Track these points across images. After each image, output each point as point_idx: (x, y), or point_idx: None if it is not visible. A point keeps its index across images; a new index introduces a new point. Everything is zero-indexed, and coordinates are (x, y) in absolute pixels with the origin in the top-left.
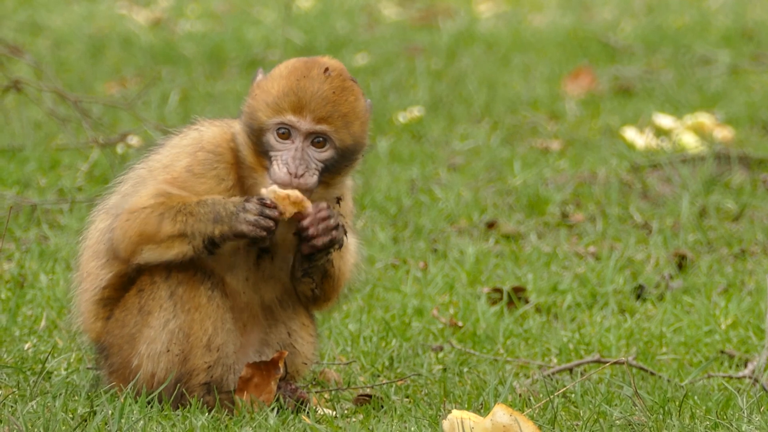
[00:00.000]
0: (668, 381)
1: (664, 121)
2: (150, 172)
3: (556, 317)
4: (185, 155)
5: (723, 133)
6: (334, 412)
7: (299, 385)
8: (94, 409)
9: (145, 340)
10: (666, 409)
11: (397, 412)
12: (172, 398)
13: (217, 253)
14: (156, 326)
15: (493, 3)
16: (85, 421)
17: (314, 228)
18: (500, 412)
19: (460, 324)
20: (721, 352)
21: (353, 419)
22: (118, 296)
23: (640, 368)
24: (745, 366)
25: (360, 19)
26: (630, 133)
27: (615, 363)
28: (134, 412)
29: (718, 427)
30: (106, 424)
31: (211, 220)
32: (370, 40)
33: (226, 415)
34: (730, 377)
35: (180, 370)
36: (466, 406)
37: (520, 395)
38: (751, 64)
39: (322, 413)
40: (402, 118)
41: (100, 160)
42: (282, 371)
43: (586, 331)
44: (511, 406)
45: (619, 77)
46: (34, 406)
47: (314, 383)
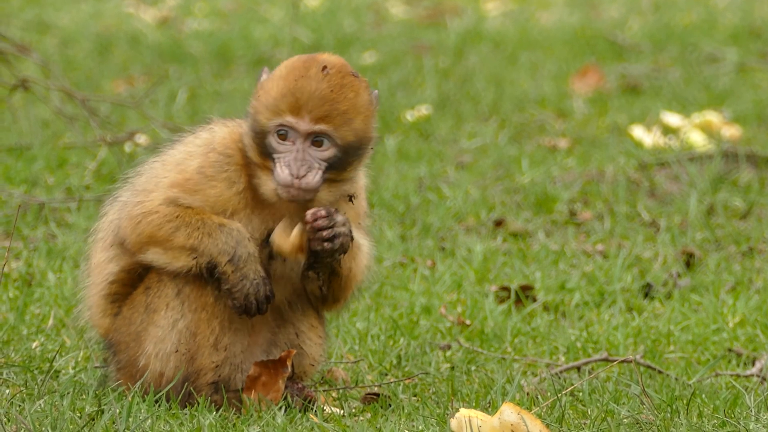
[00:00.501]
0: (676, 379)
1: (671, 119)
2: (163, 166)
3: (563, 315)
4: (198, 155)
5: (731, 131)
6: (342, 411)
7: (306, 384)
8: (102, 407)
9: (152, 339)
10: (674, 407)
11: (405, 411)
12: (180, 397)
13: (213, 277)
14: (164, 325)
15: (501, 1)
16: (93, 420)
17: (312, 234)
18: (508, 411)
19: (468, 322)
20: (729, 351)
21: (361, 418)
22: (126, 292)
23: (648, 366)
24: (753, 364)
25: (367, 18)
26: (638, 131)
27: (623, 361)
28: (142, 411)
29: (726, 425)
30: (113, 423)
31: (226, 252)
32: (377, 38)
33: (234, 414)
34: (738, 375)
35: (188, 370)
36: (474, 404)
37: (528, 394)
38: (759, 62)
39: (329, 412)
40: (409, 116)
41: (108, 159)
42: (289, 370)
43: (593, 330)
44: (518, 404)
45: (626, 75)
46: (42, 405)
47: (322, 382)
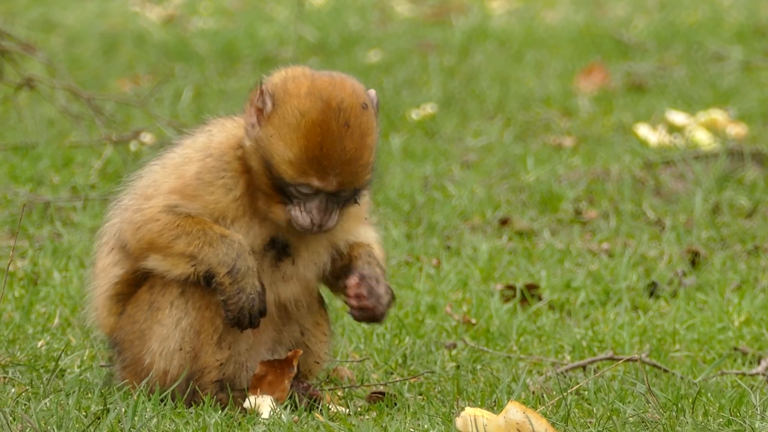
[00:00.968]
0: (681, 378)
1: (676, 117)
2: (163, 170)
3: (569, 314)
4: (196, 161)
5: (736, 130)
6: (348, 410)
7: (312, 383)
8: (108, 406)
9: (156, 338)
10: (679, 406)
11: (411, 410)
12: (185, 396)
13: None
14: (168, 324)
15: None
16: (99, 419)
17: (357, 311)
18: (513, 410)
19: (474, 321)
20: (735, 349)
21: (366, 417)
22: (131, 292)
23: (654, 365)
24: (759, 363)
25: (372, 16)
26: (643, 130)
27: (628, 360)
28: (147, 410)
29: (732, 424)
30: (119, 422)
31: (225, 263)
32: (382, 36)
33: (239, 413)
34: (744, 374)
35: (192, 368)
36: (480, 403)
37: (534, 392)
38: (764, 60)
39: (335, 411)
40: (415, 115)
41: (114, 158)
42: (295, 370)
43: (599, 329)
44: (524, 403)
45: (631, 74)
46: (48, 404)
47: (327, 381)
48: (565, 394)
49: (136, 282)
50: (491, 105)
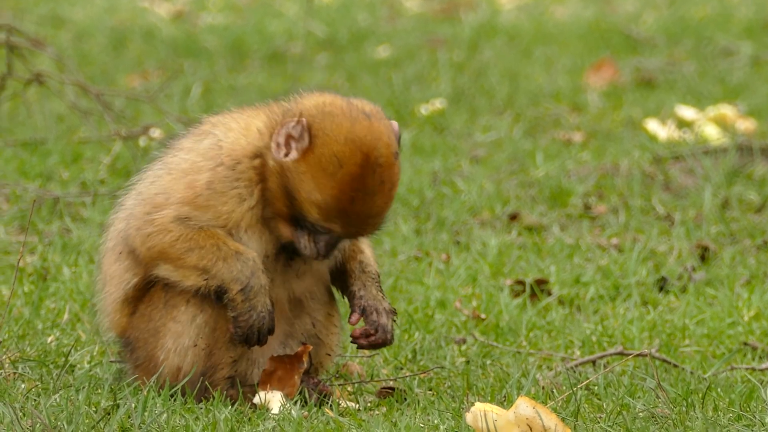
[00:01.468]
0: (691, 373)
1: (686, 112)
2: (171, 176)
3: (578, 309)
4: (206, 169)
5: (745, 125)
6: (357, 405)
7: (322, 379)
8: (117, 402)
9: (171, 335)
10: (689, 401)
11: (420, 405)
12: (195, 391)
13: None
14: (183, 320)
15: None
16: (108, 415)
17: (365, 342)
18: (523, 405)
19: (483, 316)
20: (744, 344)
21: (376, 412)
22: (143, 294)
23: (663, 360)
24: None
25: (381, 12)
26: (652, 125)
27: (638, 355)
28: (157, 406)
29: (741, 419)
30: (129, 418)
31: (239, 281)
32: (391, 32)
33: (250, 409)
34: (753, 369)
35: (205, 364)
36: (489, 398)
37: (543, 388)
38: None
39: (345, 406)
40: (424, 110)
41: (123, 153)
42: (306, 365)
43: (608, 324)
44: (534, 398)
45: (641, 69)
46: (57, 400)
47: (337, 376)
48: (574, 390)
49: (149, 284)
50: (500, 100)
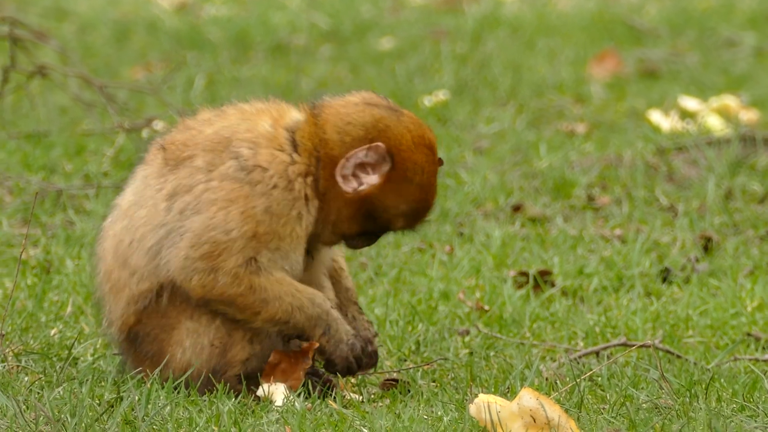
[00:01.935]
0: (695, 364)
1: (689, 103)
2: (213, 206)
3: (582, 300)
4: (259, 194)
5: (748, 116)
6: (361, 397)
7: (324, 371)
8: (121, 395)
9: (188, 332)
10: (692, 392)
11: (424, 397)
12: (199, 384)
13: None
14: (203, 321)
15: None
16: (112, 407)
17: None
18: (527, 396)
19: (487, 308)
20: (748, 335)
21: (380, 404)
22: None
23: (667, 351)
24: None
25: (385, 3)
26: (655, 116)
27: (641, 346)
28: (161, 398)
29: (745, 409)
30: (132, 410)
31: (319, 326)
32: (395, 23)
33: (253, 401)
34: (757, 360)
35: (218, 362)
36: (493, 390)
37: (547, 379)
38: None
39: (348, 398)
40: (427, 101)
41: (126, 145)
42: (310, 362)
43: (612, 315)
44: (537, 389)
45: (644, 60)
46: (61, 392)
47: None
48: (578, 381)
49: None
50: (504, 92)
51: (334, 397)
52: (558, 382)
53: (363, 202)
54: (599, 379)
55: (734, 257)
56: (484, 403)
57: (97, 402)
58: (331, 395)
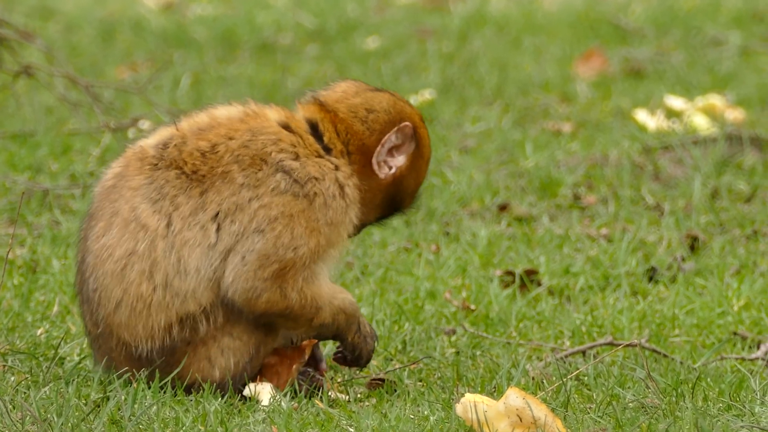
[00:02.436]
0: (681, 363)
1: (675, 102)
2: (274, 222)
3: (568, 300)
4: (319, 207)
5: (734, 115)
6: (348, 396)
7: (311, 370)
8: (107, 394)
9: (224, 349)
10: (679, 391)
11: (410, 396)
12: (185, 384)
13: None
14: (243, 338)
15: None
16: (98, 407)
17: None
18: (513, 395)
19: (473, 307)
20: (734, 334)
21: (366, 403)
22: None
23: (653, 350)
24: (758, 347)
25: (370, 2)
26: (641, 115)
27: (628, 345)
28: (147, 398)
29: (732, 408)
30: (119, 410)
31: (353, 326)
32: (380, 22)
33: (239, 401)
34: (743, 359)
35: (239, 373)
36: (479, 389)
37: (533, 378)
38: (762, 45)
39: (335, 397)
40: (413, 101)
41: (112, 145)
42: (306, 359)
43: (598, 314)
44: (524, 389)
45: (630, 59)
46: (47, 392)
47: (327, 368)
48: (564, 380)
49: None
50: (490, 91)
51: (321, 397)
52: (544, 382)
53: (390, 186)
54: (586, 378)
55: (720, 256)
56: (471, 403)
57: (84, 402)
58: (317, 395)
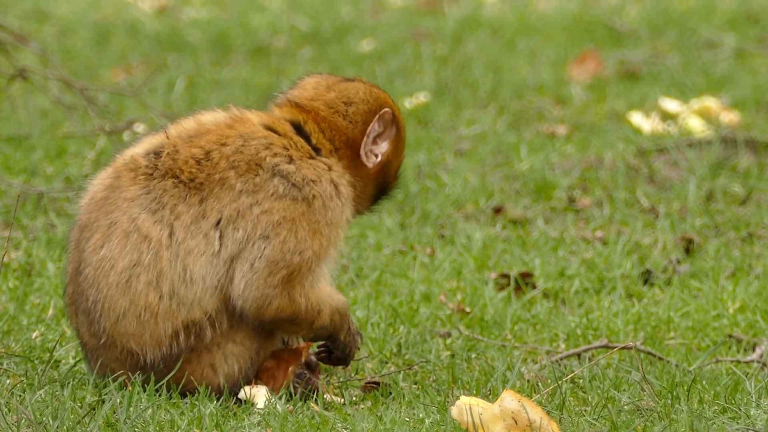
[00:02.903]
0: (676, 366)
1: (670, 105)
2: (279, 226)
3: (563, 302)
4: (318, 210)
5: (729, 117)
6: (343, 399)
7: (306, 372)
8: (103, 397)
9: (230, 355)
10: (674, 393)
11: (406, 399)
12: (180, 386)
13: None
14: (246, 343)
15: None
16: (94, 410)
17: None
18: (508, 398)
19: (468, 310)
20: (729, 337)
21: (361, 406)
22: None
23: (648, 353)
24: (753, 350)
25: (365, 5)
26: (636, 118)
27: (623, 348)
28: (142, 401)
29: (727, 411)
30: (114, 413)
31: (345, 326)
32: (375, 25)
33: (235, 404)
34: (738, 361)
35: (238, 379)
36: (475, 392)
37: (529, 381)
38: (757, 47)
39: (330, 400)
40: (408, 103)
41: (107, 148)
42: (303, 361)
43: (593, 317)
44: (519, 392)
45: (624, 61)
46: (43, 395)
47: (322, 371)
48: (560, 383)
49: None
50: (484, 93)
51: (316, 400)
52: (540, 384)
53: (378, 174)
54: (581, 381)
55: (715, 259)
56: (466, 405)
57: (79, 405)
58: (312, 398)
